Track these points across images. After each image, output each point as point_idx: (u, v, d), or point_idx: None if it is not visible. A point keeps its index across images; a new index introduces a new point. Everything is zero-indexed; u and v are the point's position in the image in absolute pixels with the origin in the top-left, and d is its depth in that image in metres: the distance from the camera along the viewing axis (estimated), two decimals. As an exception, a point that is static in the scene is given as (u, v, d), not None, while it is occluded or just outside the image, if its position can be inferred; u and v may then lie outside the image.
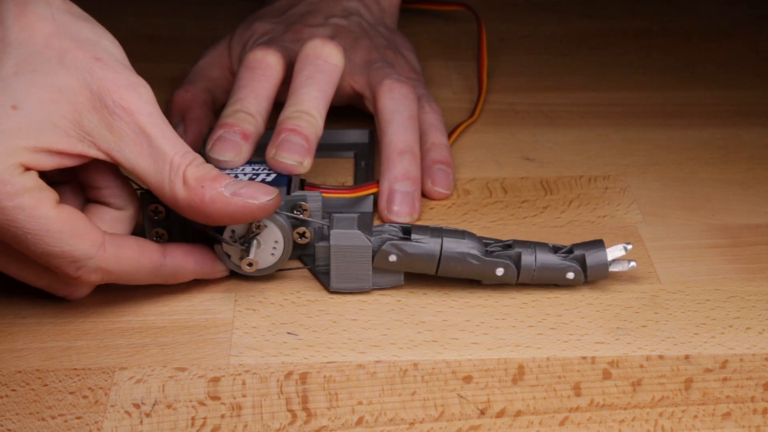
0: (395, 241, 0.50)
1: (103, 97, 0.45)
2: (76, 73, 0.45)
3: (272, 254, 0.51)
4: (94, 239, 0.46)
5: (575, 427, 0.45)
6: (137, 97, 0.46)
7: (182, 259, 0.50)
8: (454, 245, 0.50)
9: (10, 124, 0.43)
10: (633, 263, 0.51)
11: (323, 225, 0.52)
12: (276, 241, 0.50)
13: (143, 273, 0.48)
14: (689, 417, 0.45)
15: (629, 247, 0.51)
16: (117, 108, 0.45)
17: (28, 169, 0.44)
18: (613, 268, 0.51)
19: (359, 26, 0.65)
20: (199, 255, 0.50)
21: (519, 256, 0.50)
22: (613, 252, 0.51)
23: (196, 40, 0.74)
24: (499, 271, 0.50)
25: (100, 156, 0.46)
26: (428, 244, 0.50)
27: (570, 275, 0.51)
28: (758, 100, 0.70)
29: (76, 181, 0.50)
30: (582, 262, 0.51)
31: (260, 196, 0.47)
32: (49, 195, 0.45)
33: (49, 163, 0.45)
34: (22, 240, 0.44)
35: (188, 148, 0.47)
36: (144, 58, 0.73)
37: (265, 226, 0.50)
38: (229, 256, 0.51)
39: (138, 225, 0.51)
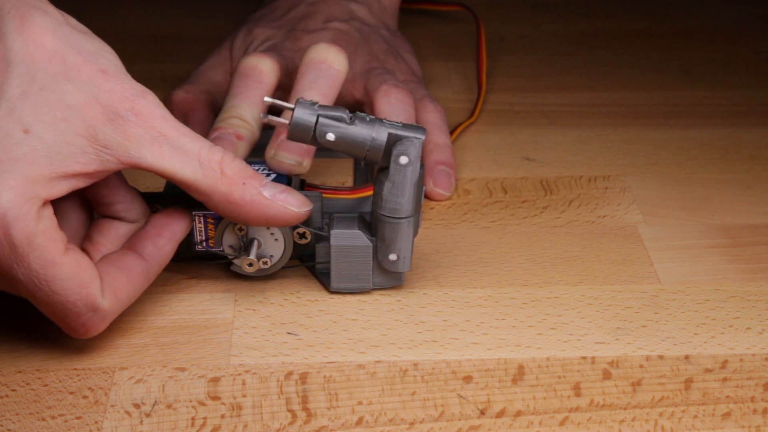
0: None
1: (115, 107, 0.44)
2: (83, 87, 0.43)
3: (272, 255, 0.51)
4: (97, 288, 0.44)
5: (575, 427, 0.45)
6: (147, 103, 0.45)
7: (158, 242, 0.48)
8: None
9: (24, 151, 0.42)
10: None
11: (323, 225, 0.52)
12: (274, 235, 0.50)
13: (140, 288, 0.47)
14: (689, 417, 0.45)
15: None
16: (130, 115, 0.44)
17: (45, 202, 0.42)
18: None
19: (359, 31, 0.65)
20: (169, 228, 0.48)
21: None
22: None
23: (197, 40, 0.74)
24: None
25: (122, 167, 0.45)
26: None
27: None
28: (758, 100, 0.70)
29: (82, 196, 0.48)
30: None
31: (297, 204, 0.47)
32: (61, 237, 0.43)
33: (64, 188, 0.43)
34: (28, 284, 0.43)
35: (211, 143, 0.46)
36: (144, 58, 0.73)
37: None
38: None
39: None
